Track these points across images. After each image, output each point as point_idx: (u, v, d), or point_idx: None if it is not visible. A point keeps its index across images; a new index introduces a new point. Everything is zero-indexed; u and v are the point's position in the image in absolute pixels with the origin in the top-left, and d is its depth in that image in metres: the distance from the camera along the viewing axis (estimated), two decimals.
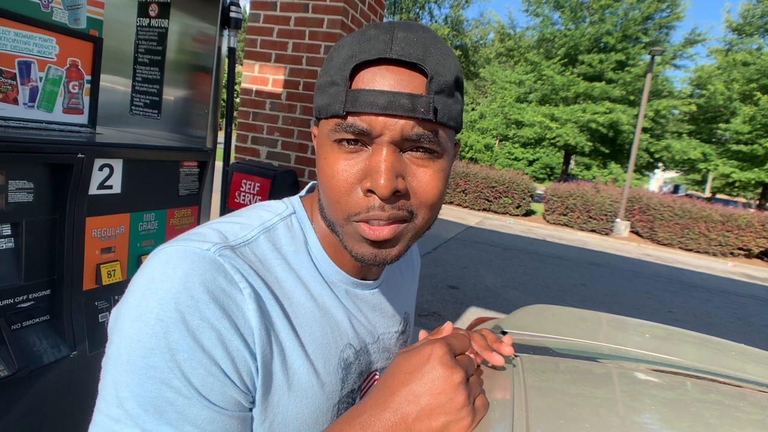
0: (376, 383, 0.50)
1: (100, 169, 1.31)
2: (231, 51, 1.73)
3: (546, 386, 0.66)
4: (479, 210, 14.06)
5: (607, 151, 20.77)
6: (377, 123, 0.46)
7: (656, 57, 14.74)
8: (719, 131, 19.29)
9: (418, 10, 26.30)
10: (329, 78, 0.49)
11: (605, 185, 14.27)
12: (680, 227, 12.11)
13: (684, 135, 20.33)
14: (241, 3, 1.84)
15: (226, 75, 1.77)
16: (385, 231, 0.49)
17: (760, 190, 19.74)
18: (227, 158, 2.00)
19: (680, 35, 36.04)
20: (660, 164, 22.23)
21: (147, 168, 1.46)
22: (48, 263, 1.23)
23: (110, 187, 1.35)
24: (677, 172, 27.08)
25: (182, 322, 0.42)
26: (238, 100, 3.03)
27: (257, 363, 0.46)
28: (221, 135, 3.59)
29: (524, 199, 13.70)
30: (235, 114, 3.91)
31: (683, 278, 8.32)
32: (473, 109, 31.52)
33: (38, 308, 1.22)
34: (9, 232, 1.14)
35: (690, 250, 12.05)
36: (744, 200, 30.48)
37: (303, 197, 0.62)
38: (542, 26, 20.81)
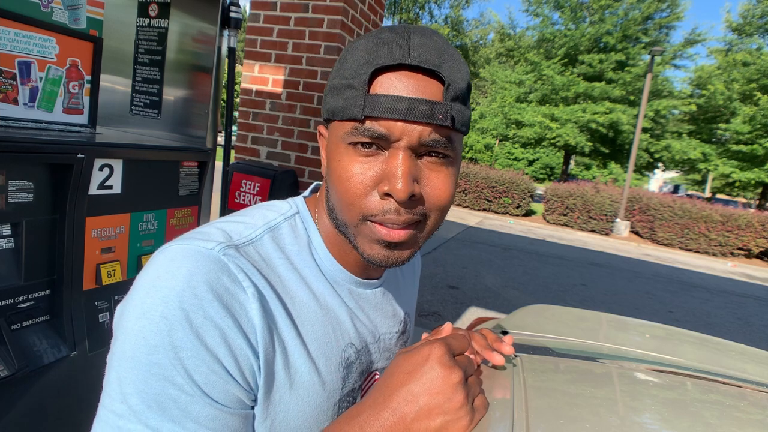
0: (376, 383, 0.50)
1: (100, 169, 1.30)
2: (231, 51, 1.72)
3: (546, 386, 0.66)
4: (479, 210, 14.07)
5: (607, 151, 20.77)
6: (396, 128, 0.46)
7: (656, 57, 14.74)
8: (719, 131, 19.30)
9: (418, 10, 26.30)
10: (344, 81, 0.49)
11: (605, 185, 14.27)
12: (680, 227, 12.11)
13: (684, 135, 20.33)
14: (241, 3, 1.84)
15: (226, 75, 1.77)
16: (401, 234, 0.50)
17: (760, 190, 19.73)
18: (227, 158, 2.01)
19: (680, 35, 36.09)
20: (660, 164, 22.23)
21: (147, 168, 1.46)
22: (48, 263, 1.23)
23: (110, 187, 1.35)
24: (677, 172, 27.09)
25: (186, 320, 0.42)
26: (238, 100, 3.03)
27: (259, 361, 0.46)
28: (221, 135, 3.59)
29: (524, 199, 13.70)
30: (236, 114, 3.92)
31: (683, 278, 8.32)
32: (473, 109, 31.52)
33: (38, 308, 1.21)
34: (9, 232, 1.14)
35: (690, 250, 12.06)
36: (744, 200, 30.46)
37: (307, 197, 0.63)
38: (542, 26, 20.82)
